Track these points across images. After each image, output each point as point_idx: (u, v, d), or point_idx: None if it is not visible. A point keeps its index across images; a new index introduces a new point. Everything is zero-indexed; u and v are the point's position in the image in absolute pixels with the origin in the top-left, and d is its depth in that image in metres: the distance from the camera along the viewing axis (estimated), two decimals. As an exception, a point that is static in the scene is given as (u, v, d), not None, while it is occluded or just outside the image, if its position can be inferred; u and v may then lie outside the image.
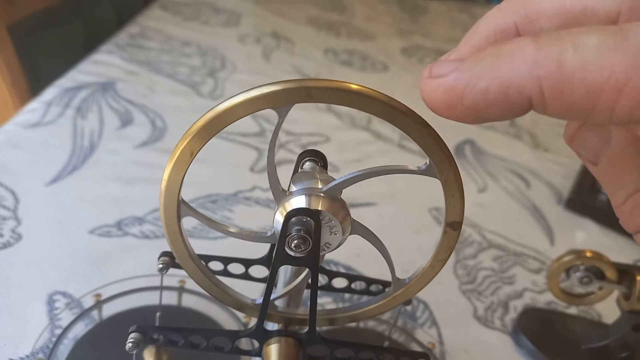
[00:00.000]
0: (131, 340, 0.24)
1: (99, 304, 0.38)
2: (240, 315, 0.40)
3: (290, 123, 0.70)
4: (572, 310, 0.50)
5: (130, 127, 0.63)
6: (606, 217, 0.64)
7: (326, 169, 0.28)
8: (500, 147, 0.76)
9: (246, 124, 0.69)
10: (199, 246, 0.34)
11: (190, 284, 0.41)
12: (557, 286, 0.44)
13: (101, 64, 0.75)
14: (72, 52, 0.81)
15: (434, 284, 0.51)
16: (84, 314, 0.37)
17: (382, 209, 0.59)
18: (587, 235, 0.62)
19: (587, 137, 0.19)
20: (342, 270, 0.49)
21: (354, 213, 0.25)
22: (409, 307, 0.47)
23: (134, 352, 0.24)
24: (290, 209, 0.24)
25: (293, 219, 0.23)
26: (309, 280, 0.31)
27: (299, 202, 0.23)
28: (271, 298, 0.26)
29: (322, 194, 0.23)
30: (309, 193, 0.23)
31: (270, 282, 0.25)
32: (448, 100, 0.15)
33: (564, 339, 0.46)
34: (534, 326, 0.46)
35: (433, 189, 0.24)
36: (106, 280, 0.41)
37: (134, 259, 0.45)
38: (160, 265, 0.30)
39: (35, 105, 0.64)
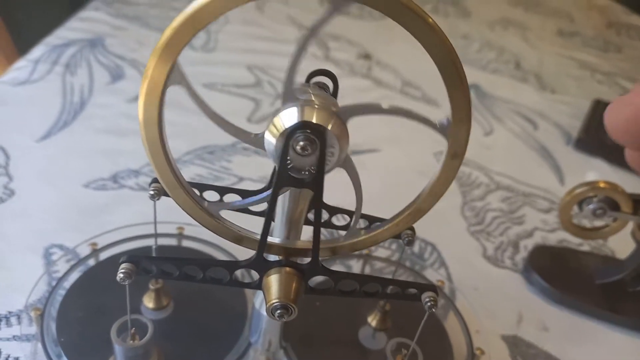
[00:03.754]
0: (122, 270, 0.22)
1: (95, 252, 0.37)
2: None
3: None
4: (585, 248, 0.49)
5: (121, 82, 0.61)
6: (616, 156, 0.62)
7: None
8: (505, 90, 0.74)
9: (241, 75, 0.66)
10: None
11: (190, 231, 0.39)
12: (569, 220, 0.43)
13: (88, 21, 0.72)
14: (57, 13, 0.78)
15: (441, 226, 0.49)
16: (80, 262, 0.36)
17: (386, 153, 0.57)
18: (598, 174, 0.60)
19: None
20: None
21: (356, 160, 0.23)
22: (416, 249, 0.45)
23: (126, 283, 0.23)
24: (282, 125, 0.22)
25: (298, 132, 0.21)
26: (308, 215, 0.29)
27: (290, 115, 0.22)
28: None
29: (315, 107, 0.22)
30: (303, 104, 0.22)
31: (271, 204, 0.23)
32: None
33: (577, 274, 0.45)
34: (546, 263, 0.45)
35: (437, 134, 0.23)
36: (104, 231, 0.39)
37: (131, 211, 0.44)
38: (152, 192, 0.28)
39: (23, 64, 0.61)
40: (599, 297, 0.43)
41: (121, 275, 0.22)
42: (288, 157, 0.21)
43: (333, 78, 0.26)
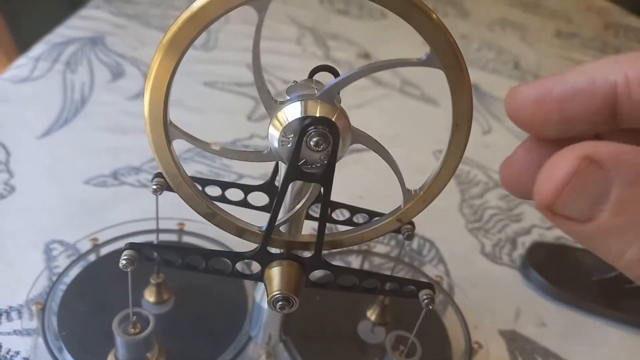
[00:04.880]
0: (125, 257, 0.23)
1: (96, 248, 0.37)
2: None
3: (286, 71, 0.68)
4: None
5: (121, 80, 0.61)
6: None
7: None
8: (504, 90, 0.73)
9: (241, 73, 0.66)
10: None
11: (190, 226, 0.40)
12: (567, 217, 0.43)
13: (89, 19, 0.72)
14: (58, 11, 0.79)
15: (440, 223, 0.50)
16: (80, 257, 0.36)
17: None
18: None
19: (582, 189, 0.15)
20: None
21: (357, 157, 0.24)
22: (415, 246, 0.46)
23: (128, 269, 0.23)
24: (285, 119, 0.22)
25: (311, 127, 0.21)
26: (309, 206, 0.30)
27: (293, 109, 0.22)
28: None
29: (318, 100, 0.22)
30: (304, 99, 0.22)
31: (279, 198, 0.23)
32: (537, 94, 0.17)
33: (574, 271, 0.45)
34: (543, 260, 0.45)
35: (436, 131, 0.23)
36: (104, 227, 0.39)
37: (131, 207, 0.44)
38: (155, 187, 0.28)
39: (23, 61, 0.61)
40: (596, 293, 0.43)
41: (124, 261, 0.23)
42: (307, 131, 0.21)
43: (335, 74, 0.26)
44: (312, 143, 0.21)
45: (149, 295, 0.33)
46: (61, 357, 0.31)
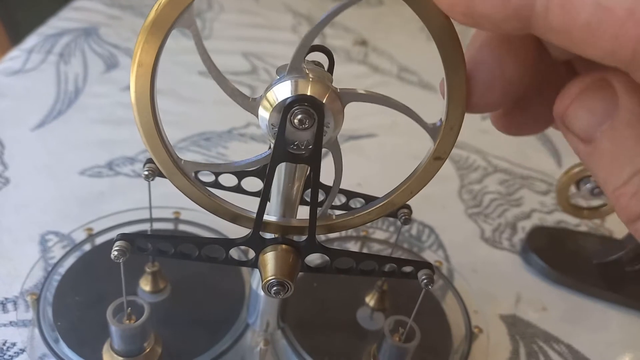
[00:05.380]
0: (117, 248, 0.22)
1: (91, 237, 0.36)
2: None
3: (282, 60, 0.67)
4: (583, 228, 0.49)
5: (115, 71, 0.61)
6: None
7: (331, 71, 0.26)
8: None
9: (237, 63, 0.66)
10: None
11: (186, 215, 0.39)
12: (566, 200, 0.42)
13: (82, 10, 0.71)
14: (51, 2, 0.78)
15: (439, 208, 0.49)
16: (75, 247, 0.36)
17: (383, 138, 0.56)
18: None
19: (587, 105, 0.15)
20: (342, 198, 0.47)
21: (355, 145, 0.23)
22: (414, 231, 0.45)
23: (120, 260, 0.22)
24: (275, 98, 0.22)
25: (296, 105, 0.21)
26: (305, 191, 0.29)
27: (281, 89, 0.21)
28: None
29: (290, 74, 0.21)
30: (282, 79, 0.21)
31: (267, 181, 0.23)
32: None
33: (575, 255, 0.45)
34: (544, 244, 0.45)
35: (435, 117, 0.22)
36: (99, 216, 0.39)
37: (127, 197, 0.44)
38: (146, 172, 0.28)
39: (16, 53, 0.61)
40: (597, 276, 0.43)
41: (115, 252, 0.22)
42: (290, 110, 0.21)
43: (328, 54, 0.26)
44: (296, 121, 0.21)
45: (145, 284, 0.33)
46: (57, 347, 0.30)
